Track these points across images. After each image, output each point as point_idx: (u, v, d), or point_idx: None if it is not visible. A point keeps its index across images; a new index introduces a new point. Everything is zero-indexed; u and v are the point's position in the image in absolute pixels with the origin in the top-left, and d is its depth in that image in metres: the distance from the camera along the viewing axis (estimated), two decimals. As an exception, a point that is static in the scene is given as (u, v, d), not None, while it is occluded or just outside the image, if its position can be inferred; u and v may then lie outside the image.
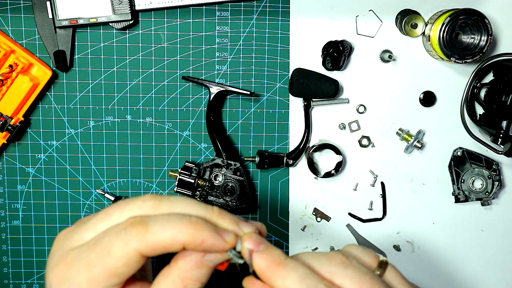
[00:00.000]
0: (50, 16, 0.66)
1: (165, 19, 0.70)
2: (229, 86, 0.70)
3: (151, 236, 0.40)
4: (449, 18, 0.65)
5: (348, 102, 0.72)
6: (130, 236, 0.40)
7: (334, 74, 0.72)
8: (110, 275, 0.40)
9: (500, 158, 0.74)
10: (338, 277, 0.40)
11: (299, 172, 0.74)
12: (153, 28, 0.70)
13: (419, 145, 0.72)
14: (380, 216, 0.75)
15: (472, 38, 0.66)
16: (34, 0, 0.67)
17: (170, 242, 0.40)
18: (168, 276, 0.42)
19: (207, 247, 0.41)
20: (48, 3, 0.66)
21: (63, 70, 0.69)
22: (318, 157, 0.73)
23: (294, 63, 0.71)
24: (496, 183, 0.73)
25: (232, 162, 0.70)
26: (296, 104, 0.72)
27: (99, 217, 0.42)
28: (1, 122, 0.67)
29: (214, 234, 0.41)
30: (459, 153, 0.73)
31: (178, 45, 0.70)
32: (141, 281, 0.44)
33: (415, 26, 0.70)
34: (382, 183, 0.74)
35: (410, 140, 0.72)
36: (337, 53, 0.69)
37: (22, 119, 0.68)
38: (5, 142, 0.68)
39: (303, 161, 0.73)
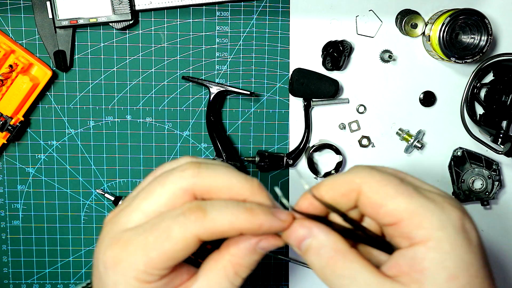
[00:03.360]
0: (50, 16, 0.66)
1: (165, 19, 0.70)
2: (229, 86, 0.70)
3: (209, 222, 0.40)
4: (449, 18, 0.65)
5: (348, 102, 0.72)
6: (189, 221, 0.40)
7: (334, 74, 0.72)
8: (168, 259, 0.40)
9: (500, 158, 0.74)
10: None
11: (299, 172, 0.74)
12: (153, 28, 0.70)
13: (419, 145, 0.72)
14: (380, 216, 0.75)
15: (472, 38, 0.66)
16: (34, 0, 0.67)
17: (228, 228, 0.41)
18: (219, 262, 0.43)
19: (266, 230, 0.41)
20: (48, 3, 0.66)
21: (63, 70, 0.69)
22: (318, 157, 0.73)
23: (294, 63, 0.71)
24: (496, 183, 0.73)
25: (232, 162, 0.70)
26: (296, 104, 0.72)
27: (141, 197, 0.42)
28: (1, 122, 0.67)
29: (270, 217, 0.41)
30: (459, 153, 0.73)
31: (178, 45, 0.71)
32: (187, 265, 0.45)
33: (415, 26, 0.70)
34: (382, 183, 0.74)
35: (410, 140, 0.72)
36: (337, 53, 0.69)
37: (22, 119, 0.68)
38: (5, 142, 0.68)
39: (303, 161, 0.73)
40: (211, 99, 0.70)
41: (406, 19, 0.70)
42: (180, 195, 0.41)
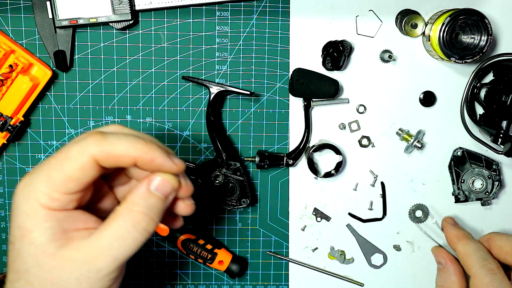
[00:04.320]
0: (50, 16, 0.66)
1: (165, 19, 0.70)
2: (229, 86, 0.70)
3: (107, 145, 0.43)
4: (449, 18, 0.65)
5: (348, 102, 0.72)
6: (88, 142, 0.43)
7: (334, 74, 0.72)
8: (67, 179, 0.43)
9: (500, 158, 0.74)
10: (507, 255, 0.57)
11: (299, 172, 0.74)
12: (153, 28, 0.70)
13: (419, 145, 0.72)
14: (380, 216, 0.75)
15: (472, 38, 0.66)
16: (34, 0, 0.67)
17: (124, 153, 0.43)
18: (120, 212, 0.44)
19: (157, 165, 0.44)
20: (48, 3, 0.66)
21: (63, 70, 0.69)
22: (318, 157, 0.73)
23: (294, 63, 0.71)
24: (496, 183, 0.73)
25: (232, 162, 0.70)
26: (296, 104, 0.72)
27: (51, 168, 0.44)
28: (1, 122, 0.67)
29: (165, 155, 0.45)
30: (459, 153, 0.73)
31: (178, 45, 0.71)
32: (95, 217, 0.46)
33: (415, 26, 0.70)
34: (382, 183, 0.74)
35: (410, 140, 0.72)
36: (337, 53, 0.69)
37: (22, 119, 0.68)
38: (5, 142, 0.68)
39: (303, 161, 0.73)
40: (211, 99, 0.70)
41: (406, 19, 0.70)
42: (86, 162, 0.43)
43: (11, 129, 0.67)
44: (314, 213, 0.74)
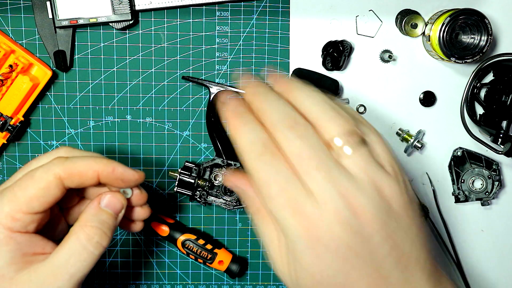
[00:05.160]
0: (50, 16, 0.66)
1: (165, 19, 0.70)
2: (229, 86, 0.70)
3: (70, 163, 0.45)
4: (449, 18, 0.65)
5: (348, 102, 0.72)
6: (51, 164, 0.45)
7: (334, 74, 0.72)
8: (31, 198, 0.44)
9: (500, 158, 0.74)
10: (282, 137, 0.38)
11: (299, 172, 0.74)
12: (153, 28, 0.70)
13: (419, 145, 0.72)
14: (380, 216, 0.75)
15: (472, 38, 0.66)
16: (34, 0, 0.67)
17: (86, 169, 0.46)
18: (73, 231, 0.46)
19: (119, 174, 0.47)
20: (48, 3, 0.66)
21: (63, 70, 0.69)
22: (318, 157, 0.73)
23: (294, 63, 0.71)
24: (496, 183, 0.73)
25: (232, 162, 0.70)
26: (296, 104, 0.72)
27: (15, 190, 0.46)
28: (1, 122, 0.67)
29: (124, 166, 0.48)
30: (459, 153, 0.73)
31: (178, 45, 0.70)
32: (52, 242, 0.48)
33: (415, 26, 0.70)
34: (382, 183, 0.74)
35: (410, 140, 0.72)
36: (337, 53, 0.69)
37: (22, 119, 0.68)
38: (5, 142, 0.68)
39: (303, 161, 0.73)
40: (211, 99, 0.70)
41: (406, 19, 0.70)
42: (51, 182, 0.45)
43: (11, 129, 0.67)
44: (314, 213, 0.74)
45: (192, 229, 0.73)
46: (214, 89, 0.69)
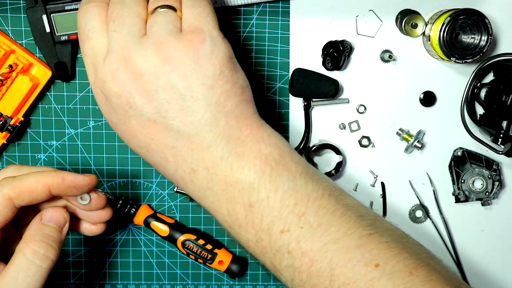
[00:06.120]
0: (48, 30, 0.65)
1: (165, 19, 0.70)
2: (229, 86, 0.70)
3: (18, 181, 0.45)
4: (449, 18, 0.65)
5: (348, 102, 0.72)
6: (0, 185, 0.45)
7: (334, 74, 0.72)
8: None
9: (500, 158, 0.74)
10: None
11: (299, 172, 0.74)
12: (153, 28, 0.70)
13: (419, 145, 0.72)
14: (380, 216, 0.75)
15: (472, 38, 0.66)
16: (30, 18, 0.64)
17: (35, 184, 0.46)
18: (19, 248, 0.46)
19: (70, 182, 0.47)
20: (44, 18, 0.64)
21: (65, 80, 0.69)
22: (318, 157, 0.73)
23: (294, 63, 0.71)
24: (496, 183, 0.73)
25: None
26: (296, 104, 0.72)
27: None
28: (1, 122, 0.67)
29: (74, 174, 0.48)
30: (459, 153, 0.73)
31: (178, 45, 0.70)
32: (2, 263, 0.48)
33: (415, 26, 0.70)
34: (382, 183, 0.74)
35: (410, 140, 0.72)
36: (337, 53, 0.69)
37: (22, 119, 0.68)
38: (5, 142, 0.68)
39: (303, 161, 0.73)
40: (211, 99, 0.69)
41: (406, 19, 0.70)
42: (0, 203, 0.45)
43: (11, 129, 0.67)
44: (314, 213, 0.74)
45: (192, 229, 0.73)
46: (214, 89, 0.69)
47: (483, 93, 0.72)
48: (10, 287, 0.44)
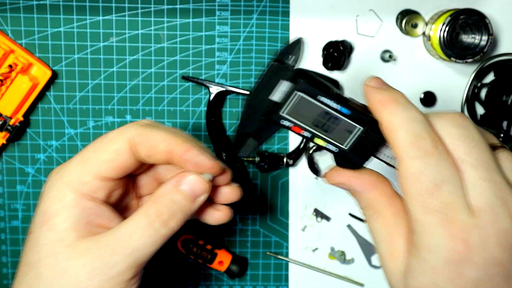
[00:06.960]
0: (277, 100, 0.44)
1: (165, 19, 0.70)
2: (229, 86, 0.70)
3: (143, 129, 0.43)
4: (449, 18, 0.65)
5: (348, 102, 0.72)
6: (125, 128, 0.44)
7: (334, 74, 0.71)
8: (101, 161, 0.42)
9: (501, 158, 0.73)
10: (452, 138, 0.35)
11: (299, 172, 0.73)
12: (153, 28, 0.70)
13: (420, 145, 0.72)
14: (380, 216, 0.75)
15: (473, 38, 0.66)
16: (269, 73, 0.45)
17: (160, 140, 0.43)
18: (144, 207, 0.43)
19: (191, 157, 0.43)
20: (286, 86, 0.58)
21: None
22: (318, 157, 0.73)
23: (294, 63, 0.71)
24: (497, 183, 0.73)
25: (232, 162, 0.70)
26: (296, 104, 0.72)
27: (89, 154, 0.44)
28: (0, 122, 0.67)
29: (200, 149, 0.43)
30: (459, 153, 0.73)
31: (178, 45, 0.70)
32: (119, 214, 0.45)
33: (415, 26, 0.70)
34: (383, 183, 0.74)
35: (410, 140, 0.71)
36: (337, 53, 0.69)
37: (22, 119, 0.68)
38: (5, 142, 0.68)
39: (303, 161, 0.73)
40: (211, 99, 0.69)
41: (407, 19, 0.69)
42: (122, 145, 0.43)
43: (10, 129, 0.67)
44: (314, 213, 0.74)
45: (192, 229, 0.73)
46: (214, 89, 0.69)
47: (483, 93, 0.72)
48: (121, 241, 0.41)
